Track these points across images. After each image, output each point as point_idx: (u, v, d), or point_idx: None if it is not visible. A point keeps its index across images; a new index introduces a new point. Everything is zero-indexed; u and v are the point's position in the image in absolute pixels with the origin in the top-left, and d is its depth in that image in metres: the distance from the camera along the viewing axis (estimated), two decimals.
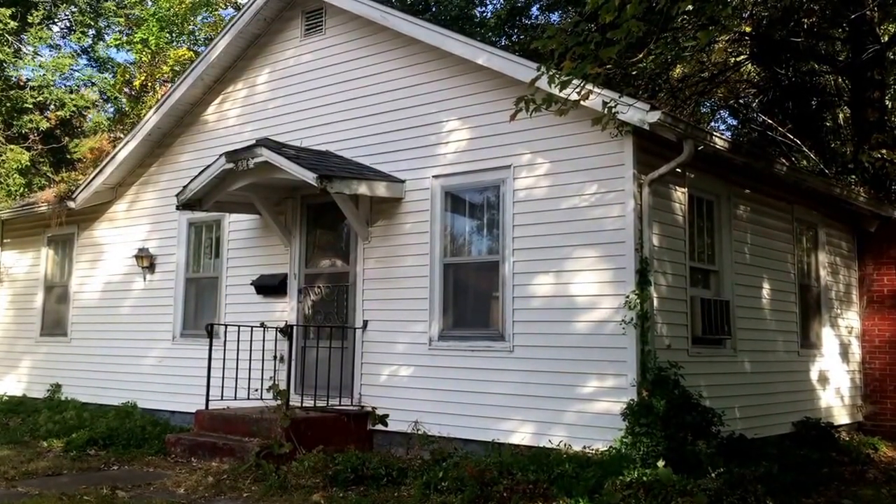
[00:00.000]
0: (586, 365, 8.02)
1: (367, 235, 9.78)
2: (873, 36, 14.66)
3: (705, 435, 7.56)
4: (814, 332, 11.23)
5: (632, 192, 7.86)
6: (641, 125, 7.63)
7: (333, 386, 9.44)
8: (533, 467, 7.28)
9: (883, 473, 8.93)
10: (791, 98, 17.77)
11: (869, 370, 12.25)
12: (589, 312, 8.08)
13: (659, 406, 7.35)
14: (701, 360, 8.66)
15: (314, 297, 10.35)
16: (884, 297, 12.29)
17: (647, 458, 7.11)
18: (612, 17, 6.29)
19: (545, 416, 8.16)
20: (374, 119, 9.93)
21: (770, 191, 10.32)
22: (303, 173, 8.93)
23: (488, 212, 9.06)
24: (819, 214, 11.50)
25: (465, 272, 9.20)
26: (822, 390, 11.12)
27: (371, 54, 10.11)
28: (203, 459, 8.82)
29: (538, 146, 8.55)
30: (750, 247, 9.85)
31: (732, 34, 15.69)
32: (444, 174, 9.27)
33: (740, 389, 9.29)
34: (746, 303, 9.65)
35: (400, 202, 9.56)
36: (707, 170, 8.99)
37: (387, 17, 9.72)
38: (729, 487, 6.72)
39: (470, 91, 9.14)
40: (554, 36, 6.63)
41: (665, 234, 8.29)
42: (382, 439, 9.35)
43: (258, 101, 11.28)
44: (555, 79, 6.71)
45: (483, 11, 21.17)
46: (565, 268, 8.27)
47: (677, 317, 8.40)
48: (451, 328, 9.08)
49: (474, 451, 8.23)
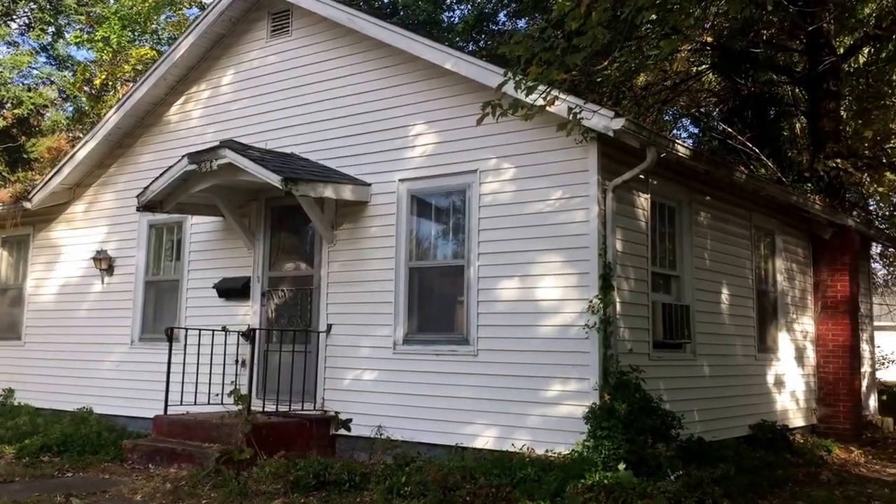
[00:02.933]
0: (550, 369, 8.07)
1: (332, 238, 9.75)
2: (829, 48, 15.01)
3: (665, 438, 7.67)
4: (770, 336, 11.44)
5: (596, 197, 7.94)
6: (606, 132, 7.72)
7: (296, 390, 9.38)
8: (496, 471, 7.31)
9: (835, 475, 9.13)
10: (750, 107, 18.13)
11: (823, 374, 12.51)
12: (553, 317, 8.14)
13: (620, 410, 7.43)
14: (661, 364, 8.78)
15: (278, 301, 10.28)
16: (837, 302, 12.57)
17: (609, 462, 7.18)
18: (578, 24, 6.37)
19: (509, 419, 8.20)
20: (341, 122, 9.91)
21: (730, 198, 10.50)
22: (268, 176, 8.87)
23: (454, 216, 9.08)
24: (776, 221, 11.73)
25: (430, 276, 9.21)
26: (777, 394, 11.33)
27: (338, 57, 10.09)
28: (161, 466, 8.69)
29: (504, 151, 8.60)
30: (710, 252, 10.02)
31: (694, 44, 15.98)
32: (410, 178, 9.28)
33: (699, 393, 9.43)
34: (706, 308, 9.81)
35: (366, 205, 9.55)
36: (669, 177, 9.12)
37: (354, 20, 9.71)
38: (687, 490, 6.83)
39: (437, 95, 9.17)
40: (521, 42, 6.69)
41: (628, 239, 8.40)
42: (345, 444, 9.31)
43: (222, 102, 11.18)
44: (521, 84, 6.77)
45: (451, 16, 21.26)
46: (530, 272, 8.33)
47: (639, 321, 8.50)
48: (416, 332, 9.09)
49: (438, 455, 8.24)
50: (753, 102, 18.17)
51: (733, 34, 15.83)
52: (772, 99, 18.77)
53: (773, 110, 18.78)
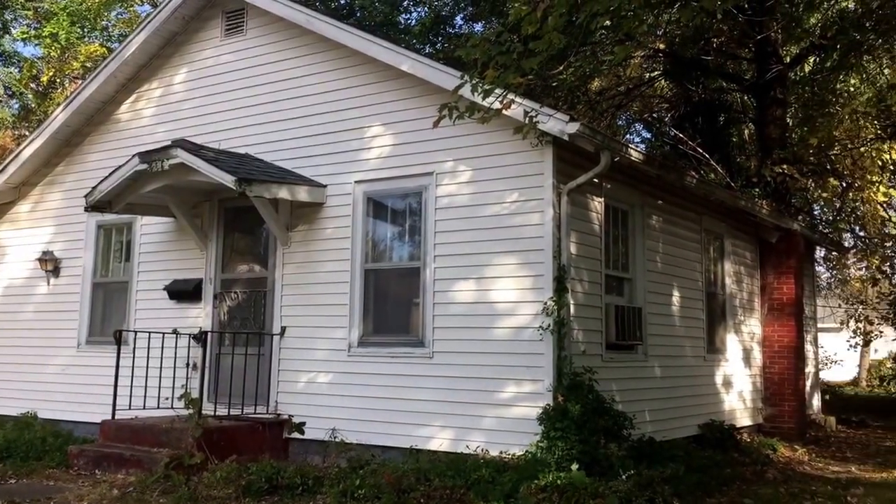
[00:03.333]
0: (505, 371, 8.12)
1: (286, 240, 9.68)
2: (777, 57, 15.37)
3: (617, 438, 7.76)
4: (719, 338, 11.67)
5: (551, 200, 8.01)
6: (561, 136, 7.80)
7: (249, 394, 9.28)
8: (450, 473, 7.31)
9: (781, 473, 9.34)
10: (701, 114, 18.48)
11: (769, 374, 12.80)
12: (508, 319, 8.19)
13: (574, 411, 7.51)
14: (614, 365, 8.89)
15: (230, 303, 10.16)
16: (783, 304, 12.86)
17: (562, 462, 7.24)
18: (535, 28, 6.43)
19: (464, 421, 8.23)
20: (297, 123, 9.84)
21: (681, 202, 10.69)
22: (221, 176, 8.77)
23: (410, 218, 9.08)
24: (725, 225, 11.96)
25: (386, 278, 9.20)
26: (726, 394, 11.56)
27: (294, 57, 10.02)
28: (108, 472, 8.51)
29: (461, 154, 8.63)
30: (661, 255, 10.18)
31: (647, 51, 16.23)
32: (366, 180, 9.26)
33: (650, 393, 9.58)
34: (657, 310, 9.97)
35: (321, 207, 9.50)
36: (622, 180, 9.25)
37: (311, 21, 9.65)
38: (638, 489, 6.92)
39: (394, 97, 9.16)
40: (477, 45, 6.73)
41: (582, 242, 8.49)
42: (299, 448, 9.24)
43: (174, 101, 11.02)
44: (478, 87, 6.81)
45: (408, 19, 21.27)
46: (485, 274, 8.37)
47: (592, 323, 8.60)
48: (372, 334, 9.06)
49: (393, 458, 8.23)
50: (704, 109, 18.52)
51: (685, 42, 16.13)
52: (721, 105, 19.16)
53: (723, 117, 19.17)
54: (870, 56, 15.76)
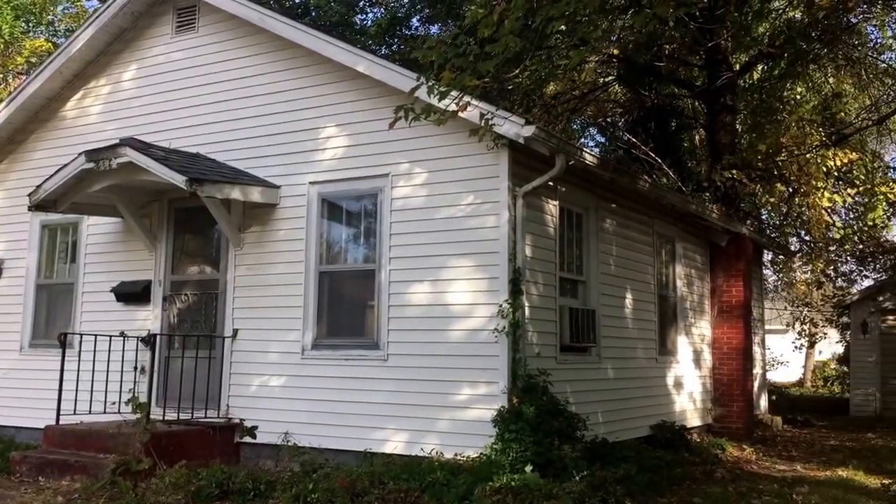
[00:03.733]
0: (460, 373, 8.11)
1: (239, 241, 9.54)
2: (727, 64, 15.67)
3: (571, 439, 7.81)
4: (670, 340, 11.83)
5: (506, 203, 8.03)
6: (517, 139, 7.82)
7: (200, 398, 9.13)
8: (405, 476, 7.28)
9: (729, 472, 9.49)
10: (653, 119, 18.75)
11: (718, 375, 13.01)
12: (463, 321, 8.19)
13: (528, 413, 7.54)
14: (568, 367, 8.95)
15: (181, 305, 9.98)
16: (732, 307, 13.09)
17: (516, 464, 7.26)
18: (491, 31, 6.44)
19: (419, 424, 8.20)
20: (250, 122, 9.71)
21: (633, 206, 10.81)
22: (171, 176, 8.61)
23: (365, 220, 9.03)
24: (677, 229, 12.14)
25: (340, 280, 9.13)
26: (677, 395, 11.72)
27: (247, 56, 9.88)
28: (52, 478, 8.26)
29: (416, 156, 8.61)
30: (615, 258, 10.28)
31: (602, 56, 16.40)
32: (321, 181, 9.17)
33: (604, 395, 9.66)
34: (611, 312, 10.06)
35: (275, 208, 9.39)
36: (577, 184, 9.32)
37: (265, 20, 9.53)
38: (591, 490, 6.98)
39: (349, 98, 9.10)
40: (434, 47, 6.71)
41: (537, 245, 8.53)
42: (250, 452, 9.11)
43: (123, 99, 10.78)
44: (434, 89, 6.80)
45: (363, 19, 21.17)
46: (441, 277, 8.35)
47: (547, 325, 8.64)
48: (326, 337, 8.98)
49: (347, 461, 8.16)
50: (656, 114, 18.80)
51: (638, 48, 16.32)
52: (673, 111, 19.47)
53: (675, 122, 19.49)
54: (815, 65, 16.16)
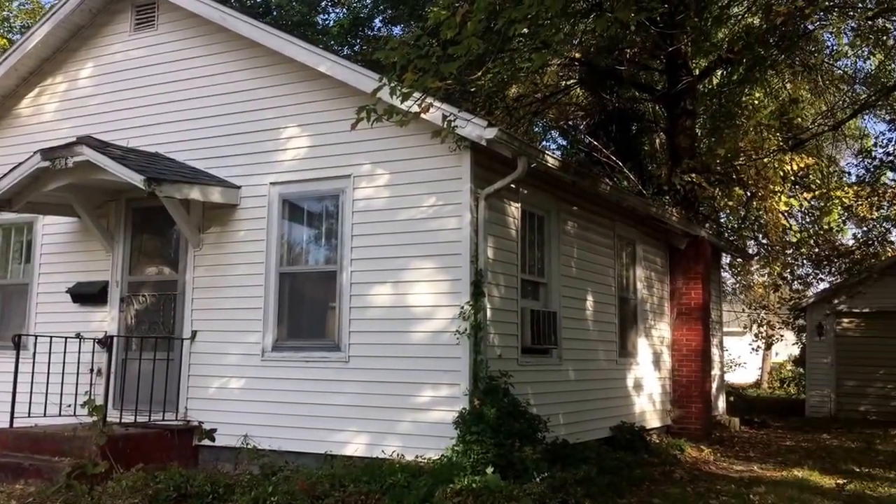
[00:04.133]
0: (421, 375, 8.11)
1: (198, 242, 9.43)
2: (687, 69, 15.86)
3: (532, 441, 7.84)
4: (631, 341, 11.94)
5: (468, 205, 8.05)
6: (479, 141, 7.84)
7: (157, 400, 9.00)
8: (365, 478, 7.25)
9: (688, 473, 9.61)
10: (614, 122, 18.91)
11: (677, 377, 13.17)
12: (425, 323, 8.18)
13: (489, 414, 7.55)
14: (529, 368, 8.99)
15: (138, 307, 9.83)
16: (691, 309, 13.27)
17: (477, 466, 7.27)
18: (454, 33, 6.45)
19: (380, 426, 8.17)
20: (210, 122, 9.60)
21: (595, 208, 10.90)
22: (129, 175, 8.48)
23: (327, 221, 8.98)
24: (637, 231, 12.26)
25: (301, 281, 9.07)
26: (636, 396, 11.84)
27: (208, 54, 9.77)
28: (6, 482, 8.08)
29: (379, 157, 8.58)
30: (576, 261, 10.35)
31: (563, 59, 16.51)
32: (282, 181, 9.10)
33: (564, 397, 9.72)
34: (572, 314, 10.13)
35: (235, 209, 9.29)
36: (539, 186, 9.37)
37: (226, 18, 9.43)
38: (552, 491, 7.02)
39: (311, 98, 9.04)
40: (396, 48, 6.71)
41: (499, 247, 8.55)
42: (209, 455, 9.00)
43: (80, 97, 10.59)
44: (396, 90, 6.78)
45: (325, 19, 21.07)
46: (403, 278, 8.34)
47: (508, 327, 8.67)
48: (286, 338, 8.92)
49: (307, 464, 8.10)
50: (617, 117, 18.97)
51: (600, 51, 16.47)
52: (634, 115, 19.66)
53: (636, 126, 19.68)
54: (773, 71, 16.43)
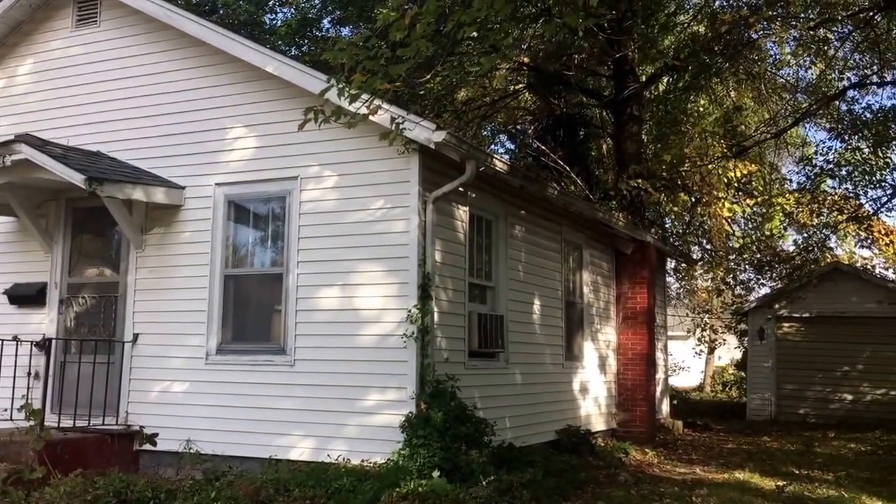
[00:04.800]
0: (368, 378, 8.07)
1: (140, 243, 9.24)
2: (633, 75, 16.11)
3: (478, 444, 7.85)
4: (577, 345, 12.05)
5: (416, 208, 8.03)
6: (427, 144, 7.83)
7: (97, 404, 8.82)
8: (311, 483, 7.21)
9: (632, 475, 9.73)
10: (562, 127, 19.09)
11: (623, 381, 13.32)
12: (372, 326, 8.14)
13: (436, 418, 7.55)
14: (476, 372, 9.00)
15: (78, 309, 9.60)
16: (636, 313, 13.43)
17: (424, 469, 7.26)
18: (403, 35, 6.43)
19: (326, 430, 8.11)
20: (154, 121, 9.42)
21: (542, 213, 10.98)
22: (70, 174, 8.28)
23: (273, 223, 8.89)
24: (584, 236, 12.38)
25: (247, 284, 8.96)
26: (582, 400, 11.94)
27: (152, 52, 9.59)
28: None
29: (327, 159, 8.52)
30: (523, 264, 10.41)
31: (512, 63, 16.63)
32: (228, 182, 8.98)
33: (511, 400, 9.76)
34: (519, 318, 10.17)
35: (179, 209, 9.14)
36: (487, 190, 9.40)
37: (171, 16, 9.27)
38: (498, 494, 7.05)
39: (258, 98, 8.94)
40: (345, 49, 6.65)
41: (447, 250, 8.55)
42: (150, 460, 8.84)
43: (19, 94, 10.31)
44: (344, 91, 6.74)
45: (273, 19, 20.85)
46: (350, 281, 8.29)
47: (456, 331, 8.68)
48: (231, 342, 8.80)
49: (251, 469, 7.99)
50: (565, 122, 19.15)
51: (548, 56, 16.63)
52: (582, 120, 19.88)
53: (583, 131, 19.89)
54: (718, 79, 16.78)
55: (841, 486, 9.23)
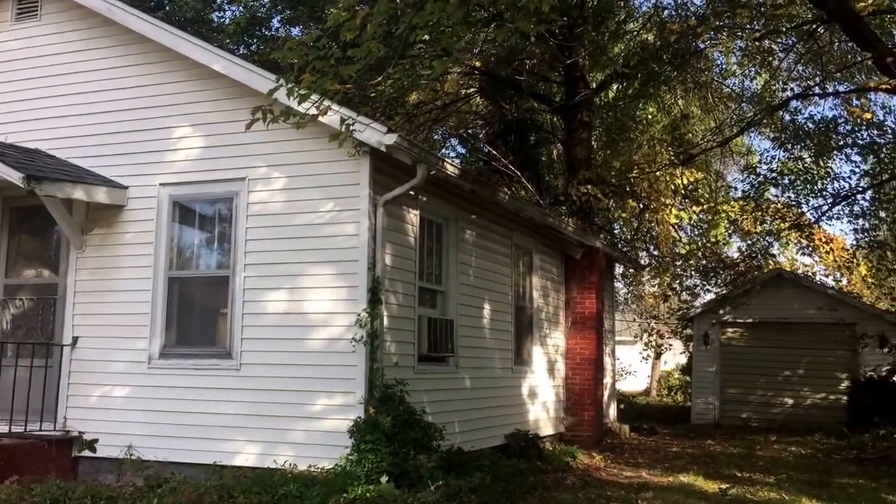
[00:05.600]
0: (316, 383, 7.97)
1: (81, 244, 9.00)
2: (584, 82, 16.25)
3: (427, 449, 7.81)
4: (526, 350, 12.08)
5: (367, 211, 7.96)
6: (378, 146, 7.77)
7: (34, 409, 8.53)
8: (256, 489, 7.11)
9: (579, 479, 9.78)
10: (513, 132, 19.17)
11: (571, 385, 13.40)
12: (321, 330, 8.05)
13: (385, 423, 7.48)
14: (426, 376, 8.96)
15: (15, 311, 9.31)
16: (585, 318, 13.54)
17: (372, 475, 7.20)
18: (354, 35, 6.38)
19: (272, 435, 7.99)
20: (97, 118, 9.18)
21: (493, 217, 10.98)
22: (7, 172, 8.03)
23: (220, 224, 8.73)
24: (534, 241, 12.43)
25: (192, 287, 8.79)
26: (531, 404, 11.98)
27: (95, 48, 9.35)
28: None
29: (275, 160, 8.40)
30: (474, 269, 10.40)
31: (464, 67, 16.64)
32: (173, 182, 8.80)
33: (460, 405, 9.73)
34: (469, 322, 10.16)
35: (121, 210, 8.92)
36: (438, 194, 9.37)
37: (114, 11, 9.05)
38: (446, 499, 7.03)
39: (205, 98, 8.78)
40: (294, 48, 6.58)
41: (397, 254, 8.50)
42: (90, 467, 8.61)
43: None
44: (293, 91, 6.66)
45: (221, 17, 20.54)
46: (299, 284, 8.18)
47: (405, 335, 8.62)
48: (175, 345, 8.62)
49: (195, 475, 7.83)
50: (516, 127, 19.23)
51: (500, 61, 16.69)
52: (533, 125, 19.99)
53: (534, 136, 20.00)
54: (666, 87, 17.02)
55: (781, 489, 9.41)
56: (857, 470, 11.45)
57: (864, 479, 10.50)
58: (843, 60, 15.36)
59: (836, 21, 10.52)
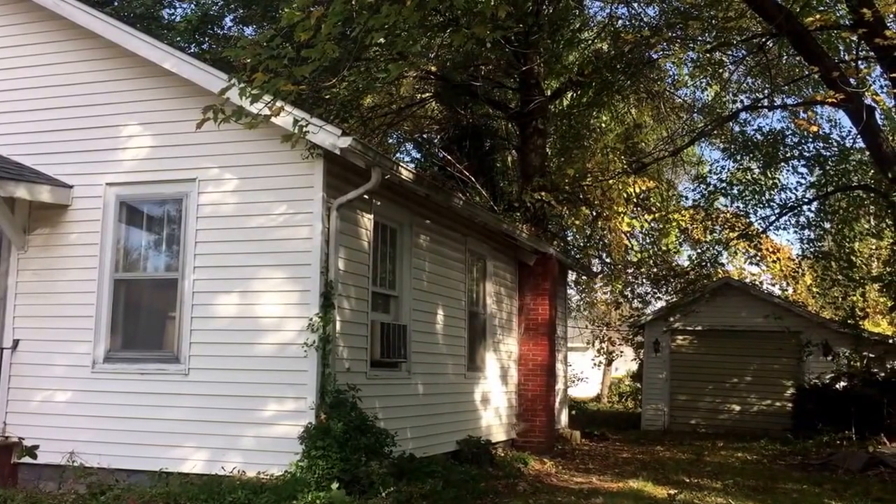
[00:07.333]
0: (267, 388, 7.85)
1: (23, 244, 8.74)
2: (539, 89, 16.35)
3: (379, 455, 7.75)
4: (479, 356, 12.07)
5: (320, 214, 7.87)
6: (332, 149, 7.69)
7: None
8: (203, 496, 7.00)
9: (531, 485, 9.80)
10: (469, 138, 19.20)
11: (523, 391, 13.42)
12: (272, 334, 7.93)
13: (336, 429, 7.40)
14: (378, 382, 8.88)
15: None
16: (538, 324, 13.58)
17: (322, 481, 7.11)
18: (308, 36, 6.30)
19: (221, 441, 7.85)
20: (41, 115, 8.94)
21: (447, 222, 10.96)
22: None
23: (169, 226, 8.55)
24: (488, 247, 12.44)
25: (139, 289, 8.60)
26: (484, 410, 11.97)
27: (39, 42, 9.12)
28: None
29: (227, 161, 8.27)
30: (428, 274, 10.35)
31: (420, 72, 16.63)
32: (120, 182, 8.61)
33: (413, 410, 9.68)
34: (422, 327, 10.11)
35: (66, 209, 8.69)
36: (392, 198, 9.31)
37: (60, 5, 8.82)
38: None
39: (155, 96, 8.61)
40: (247, 47, 6.48)
41: (350, 258, 8.41)
42: (30, 473, 8.37)
43: None
44: (246, 91, 6.56)
45: (172, 14, 20.20)
46: (250, 288, 8.05)
47: (358, 340, 8.54)
48: (120, 349, 8.42)
49: (140, 482, 7.66)
50: (471, 133, 19.27)
51: (456, 66, 16.71)
52: (488, 131, 20.06)
53: (489, 142, 20.07)
54: (620, 96, 17.20)
55: (728, 494, 9.53)
56: (801, 476, 11.66)
57: (807, 484, 10.70)
58: (792, 74, 15.69)
59: (785, 35, 10.74)
